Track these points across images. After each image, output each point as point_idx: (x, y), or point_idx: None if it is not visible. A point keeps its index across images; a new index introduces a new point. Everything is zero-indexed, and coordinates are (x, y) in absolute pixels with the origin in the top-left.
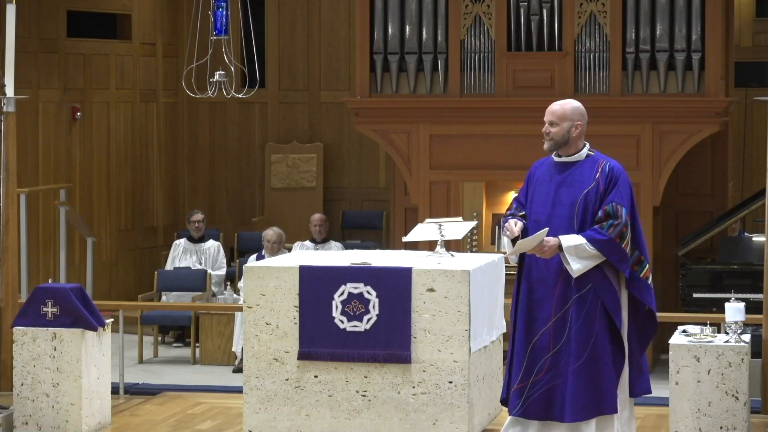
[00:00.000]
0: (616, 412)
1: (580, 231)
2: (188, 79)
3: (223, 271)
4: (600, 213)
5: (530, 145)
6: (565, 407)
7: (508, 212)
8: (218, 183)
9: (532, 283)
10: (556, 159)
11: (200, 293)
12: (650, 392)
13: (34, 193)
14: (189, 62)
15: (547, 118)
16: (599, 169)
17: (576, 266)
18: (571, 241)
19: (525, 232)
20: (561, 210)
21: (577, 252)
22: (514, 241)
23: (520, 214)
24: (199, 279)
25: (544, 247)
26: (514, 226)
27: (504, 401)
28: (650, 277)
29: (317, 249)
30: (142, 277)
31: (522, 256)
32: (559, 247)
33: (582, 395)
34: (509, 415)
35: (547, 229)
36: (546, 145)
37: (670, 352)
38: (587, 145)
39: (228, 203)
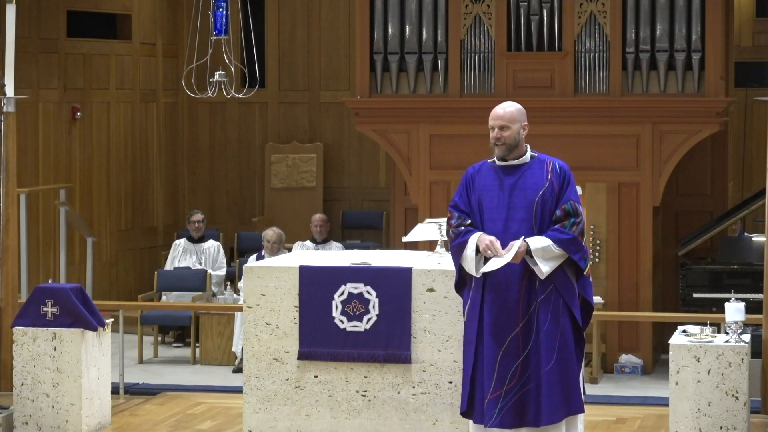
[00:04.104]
0: (584, 411)
1: (539, 232)
2: (188, 79)
3: (223, 271)
4: (558, 212)
5: (530, 145)
6: (541, 411)
7: (454, 222)
8: (218, 183)
9: (492, 291)
10: (501, 163)
11: (200, 293)
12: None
13: (34, 193)
14: (189, 62)
15: (496, 123)
16: (549, 170)
17: (545, 268)
18: (538, 243)
19: None
20: (517, 213)
21: (544, 254)
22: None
23: (467, 223)
24: (199, 279)
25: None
26: (497, 242)
27: (466, 414)
28: (591, 274)
29: (318, 249)
30: (142, 277)
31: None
32: (526, 250)
33: (555, 397)
34: (485, 426)
35: (521, 239)
36: (498, 152)
37: (670, 352)
38: (529, 146)
39: (228, 203)
